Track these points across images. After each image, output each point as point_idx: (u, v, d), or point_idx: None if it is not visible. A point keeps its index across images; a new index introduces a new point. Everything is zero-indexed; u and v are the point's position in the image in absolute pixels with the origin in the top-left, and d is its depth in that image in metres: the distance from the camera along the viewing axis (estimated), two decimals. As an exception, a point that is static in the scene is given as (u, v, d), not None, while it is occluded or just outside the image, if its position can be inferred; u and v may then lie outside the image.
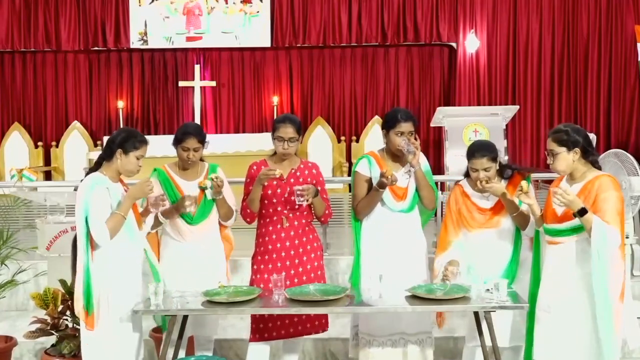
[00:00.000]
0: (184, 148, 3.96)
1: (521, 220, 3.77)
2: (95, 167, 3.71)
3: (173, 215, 3.96)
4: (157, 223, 3.94)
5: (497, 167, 3.84)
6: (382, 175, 3.81)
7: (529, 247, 3.89)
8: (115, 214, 3.56)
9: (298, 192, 3.83)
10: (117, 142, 3.64)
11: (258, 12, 9.60)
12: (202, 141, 4.00)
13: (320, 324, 4.03)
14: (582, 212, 3.33)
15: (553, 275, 3.54)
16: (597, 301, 3.34)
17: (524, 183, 3.63)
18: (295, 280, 3.94)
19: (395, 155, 4.00)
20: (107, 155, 3.67)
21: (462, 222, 3.89)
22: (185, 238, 4.01)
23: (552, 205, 3.49)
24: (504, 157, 3.95)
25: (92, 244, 3.56)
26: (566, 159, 3.47)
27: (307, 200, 3.85)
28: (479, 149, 3.82)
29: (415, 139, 3.93)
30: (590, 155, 3.49)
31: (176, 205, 3.92)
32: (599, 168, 3.54)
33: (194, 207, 3.90)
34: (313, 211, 4.04)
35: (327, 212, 4.06)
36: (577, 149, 3.46)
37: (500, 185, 3.78)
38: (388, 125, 3.95)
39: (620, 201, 3.40)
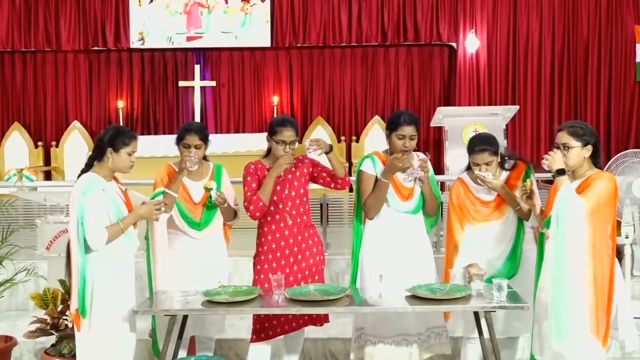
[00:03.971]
0: (185, 145, 3.95)
1: (523, 214, 3.80)
2: (86, 168, 3.64)
3: (178, 184, 3.92)
4: (169, 201, 3.88)
5: (499, 160, 3.86)
6: (394, 157, 3.77)
7: (532, 240, 3.91)
8: (116, 225, 3.51)
9: (310, 143, 3.90)
10: (106, 141, 3.57)
11: (258, 12, 9.59)
12: (204, 139, 3.98)
13: (320, 316, 4.03)
14: (561, 172, 3.39)
15: (550, 274, 3.52)
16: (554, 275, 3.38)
17: (527, 182, 3.63)
18: (299, 275, 3.96)
19: None
20: (97, 156, 3.61)
21: (465, 216, 3.89)
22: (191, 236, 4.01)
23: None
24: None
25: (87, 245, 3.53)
26: (579, 154, 3.46)
27: (319, 151, 3.91)
28: (480, 144, 3.83)
29: (425, 160, 3.89)
30: (597, 157, 3.50)
31: (179, 169, 3.92)
32: (601, 169, 3.54)
33: (196, 165, 3.89)
34: (333, 171, 4.02)
35: (346, 172, 4.04)
36: (590, 146, 3.46)
37: (499, 181, 3.79)
38: (391, 128, 3.93)
39: (608, 192, 3.36)
